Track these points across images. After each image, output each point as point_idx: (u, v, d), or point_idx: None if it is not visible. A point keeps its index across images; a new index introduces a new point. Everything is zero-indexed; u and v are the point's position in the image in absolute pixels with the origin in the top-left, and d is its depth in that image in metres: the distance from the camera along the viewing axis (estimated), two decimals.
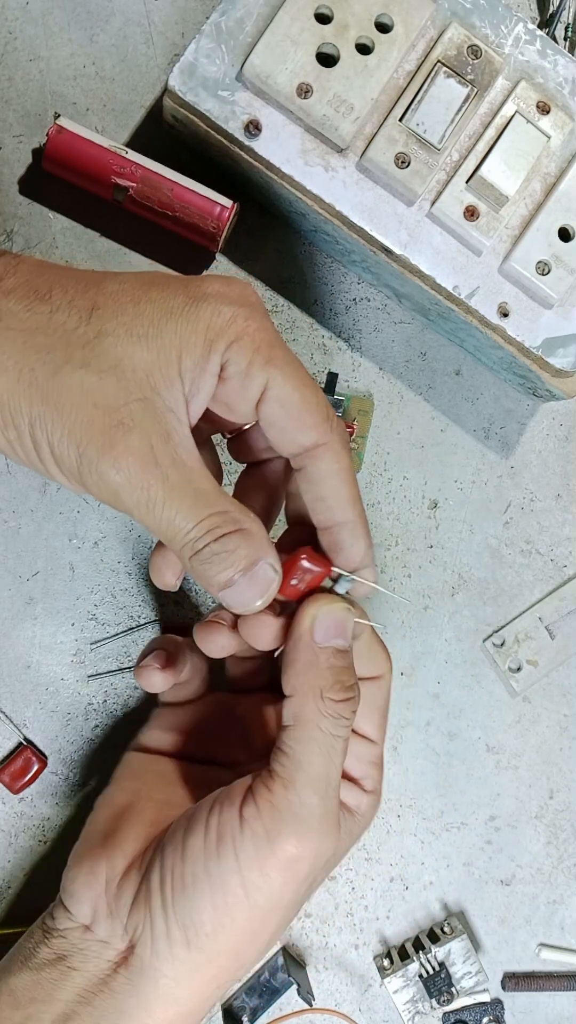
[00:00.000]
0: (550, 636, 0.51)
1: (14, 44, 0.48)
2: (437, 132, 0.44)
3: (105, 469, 0.31)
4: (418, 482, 0.51)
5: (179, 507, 0.32)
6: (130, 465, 0.31)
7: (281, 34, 0.43)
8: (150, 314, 0.32)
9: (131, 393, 0.32)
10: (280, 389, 0.34)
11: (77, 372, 0.31)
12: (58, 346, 0.32)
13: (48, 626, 0.48)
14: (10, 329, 0.32)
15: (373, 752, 0.40)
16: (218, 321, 0.33)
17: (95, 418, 0.31)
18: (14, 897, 0.47)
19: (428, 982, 0.48)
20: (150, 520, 0.32)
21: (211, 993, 0.35)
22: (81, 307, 0.32)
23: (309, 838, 0.33)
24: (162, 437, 0.32)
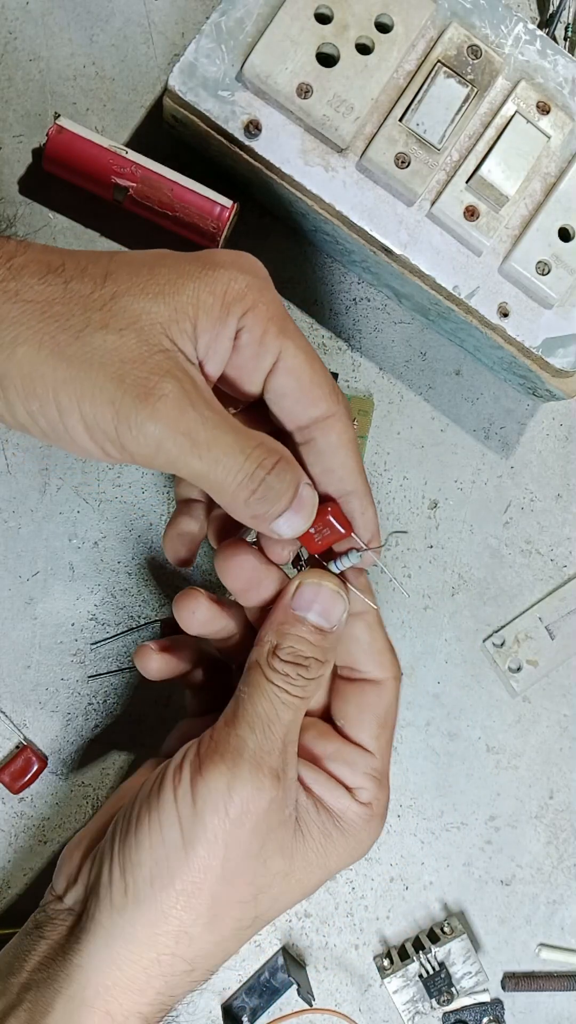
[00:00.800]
0: (550, 636, 0.51)
1: (14, 44, 0.48)
2: (437, 132, 0.44)
3: (143, 420, 0.31)
4: (418, 482, 0.51)
5: (225, 445, 0.32)
6: (169, 411, 0.31)
7: (281, 34, 0.43)
8: (165, 276, 0.33)
9: (152, 346, 0.32)
10: (293, 360, 0.34)
11: (98, 333, 0.31)
12: (75, 312, 0.32)
13: (48, 626, 0.48)
14: (27, 301, 0.32)
15: (369, 763, 0.38)
16: (235, 287, 0.33)
17: (125, 372, 0.31)
18: (14, 897, 0.47)
19: (428, 982, 0.48)
20: (197, 464, 0.32)
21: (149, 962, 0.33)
22: (95, 274, 0.32)
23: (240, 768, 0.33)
24: (191, 382, 0.32)
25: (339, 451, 0.36)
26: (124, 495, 0.48)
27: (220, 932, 0.34)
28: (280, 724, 0.35)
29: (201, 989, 0.48)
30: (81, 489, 0.48)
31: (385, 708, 0.38)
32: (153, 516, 0.49)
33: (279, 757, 0.34)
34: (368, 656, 0.38)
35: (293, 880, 0.35)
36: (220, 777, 0.33)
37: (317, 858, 0.36)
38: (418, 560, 0.51)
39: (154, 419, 0.31)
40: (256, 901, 0.35)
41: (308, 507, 0.35)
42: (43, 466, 0.48)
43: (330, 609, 0.36)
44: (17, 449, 0.47)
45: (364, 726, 0.38)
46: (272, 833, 0.34)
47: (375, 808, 0.37)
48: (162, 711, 0.49)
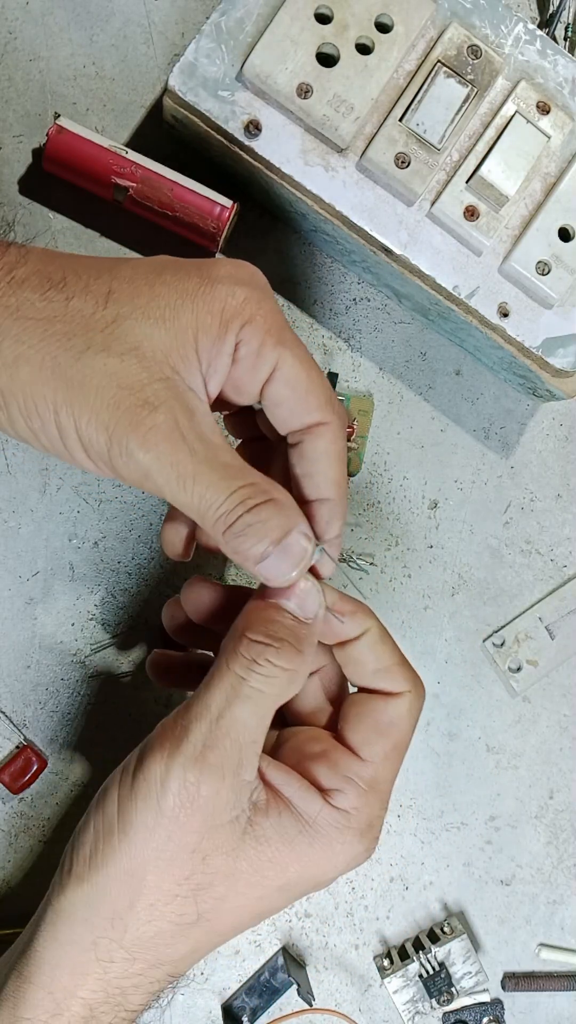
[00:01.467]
0: (550, 636, 0.51)
1: (14, 44, 0.48)
2: (437, 132, 0.44)
3: (134, 448, 0.31)
4: (418, 482, 0.51)
5: (209, 481, 0.32)
6: (159, 442, 0.31)
7: (281, 34, 0.43)
8: (165, 296, 0.33)
9: (153, 374, 0.32)
10: (289, 370, 0.34)
11: (99, 356, 0.32)
12: (77, 332, 0.32)
13: (48, 626, 0.48)
14: (28, 319, 0.32)
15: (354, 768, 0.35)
16: (232, 302, 0.33)
17: (120, 399, 0.31)
18: (14, 897, 0.47)
19: (428, 982, 0.48)
20: (182, 496, 0.32)
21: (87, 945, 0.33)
22: (97, 292, 0.33)
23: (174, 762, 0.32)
24: (186, 414, 0.32)
25: (323, 459, 0.36)
26: (124, 495, 0.48)
27: (157, 924, 0.33)
28: (231, 718, 0.33)
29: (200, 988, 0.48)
30: (81, 489, 0.48)
31: (391, 717, 0.36)
32: (153, 516, 0.49)
33: (226, 753, 0.33)
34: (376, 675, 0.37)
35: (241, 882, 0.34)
36: (155, 767, 0.33)
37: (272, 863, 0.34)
38: (418, 560, 0.51)
39: (144, 448, 0.31)
40: (195, 898, 0.33)
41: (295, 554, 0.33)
42: (43, 466, 0.48)
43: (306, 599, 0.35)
44: (17, 449, 0.47)
45: (360, 729, 0.36)
46: (213, 831, 0.33)
47: (353, 818, 0.34)
48: (162, 711, 0.49)
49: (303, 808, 0.34)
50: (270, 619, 0.34)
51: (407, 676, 0.37)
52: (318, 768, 0.35)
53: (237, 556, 0.33)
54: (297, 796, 0.34)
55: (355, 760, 0.35)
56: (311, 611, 0.35)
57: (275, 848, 0.34)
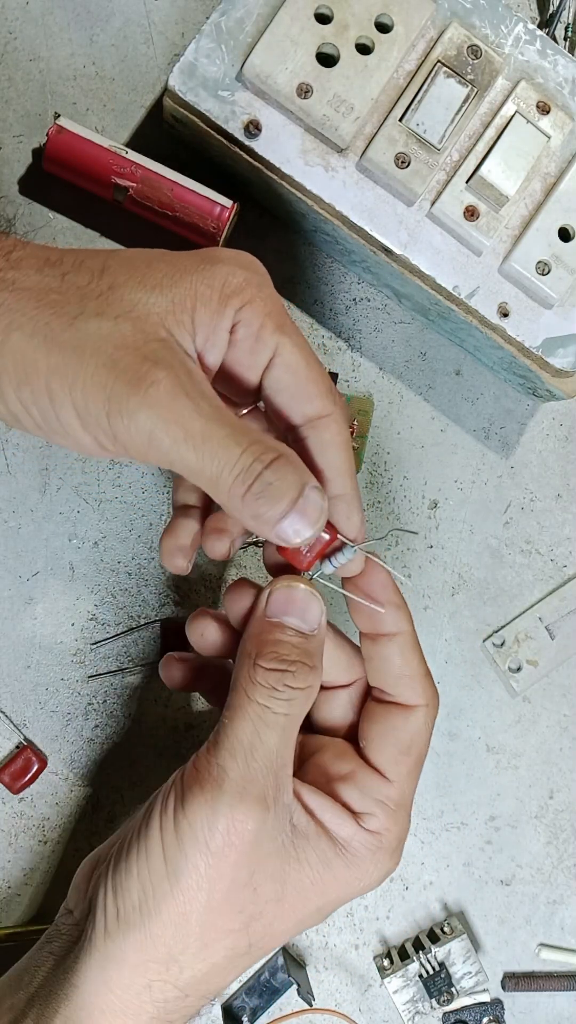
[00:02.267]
0: (550, 636, 0.51)
1: (14, 44, 0.48)
2: (437, 132, 0.44)
3: (136, 407, 0.30)
4: (418, 482, 0.51)
5: (220, 439, 0.31)
6: (162, 399, 0.30)
7: (281, 34, 0.43)
8: (162, 271, 0.32)
9: (148, 335, 0.31)
10: (290, 355, 0.34)
11: (92, 320, 0.31)
12: (71, 300, 0.31)
13: (48, 626, 0.48)
14: (23, 289, 0.31)
15: (383, 790, 0.36)
16: (233, 281, 0.33)
17: (118, 358, 0.30)
18: (14, 897, 0.47)
19: (428, 982, 0.48)
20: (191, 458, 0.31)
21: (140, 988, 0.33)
22: (92, 268, 0.32)
23: (219, 802, 0.32)
24: (187, 373, 0.31)
25: (330, 451, 0.35)
26: (124, 495, 0.48)
27: (211, 960, 0.33)
28: (264, 748, 0.33)
29: None
30: (81, 489, 0.48)
31: (411, 735, 0.36)
32: (153, 516, 0.49)
33: (264, 783, 0.33)
34: (399, 680, 0.36)
35: (287, 906, 0.34)
36: (199, 810, 0.32)
37: (314, 886, 0.34)
38: (418, 560, 0.51)
39: (146, 406, 0.30)
40: (248, 929, 0.34)
41: (314, 510, 0.32)
42: (43, 466, 0.48)
43: (306, 610, 0.35)
44: (17, 449, 0.47)
45: (384, 750, 0.36)
46: (261, 861, 0.33)
47: (384, 839, 0.35)
48: (162, 711, 0.49)
49: (337, 831, 0.35)
50: (277, 641, 0.34)
51: (427, 688, 0.37)
52: (348, 792, 0.36)
53: (256, 521, 0.32)
54: (332, 820, 0.35)
55: (382, 782, 0.36)
56: (314, 622, 0.35)
57: (316, 871, 0.34)
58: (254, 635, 0.35)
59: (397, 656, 0.36)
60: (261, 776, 0.33)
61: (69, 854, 0.48)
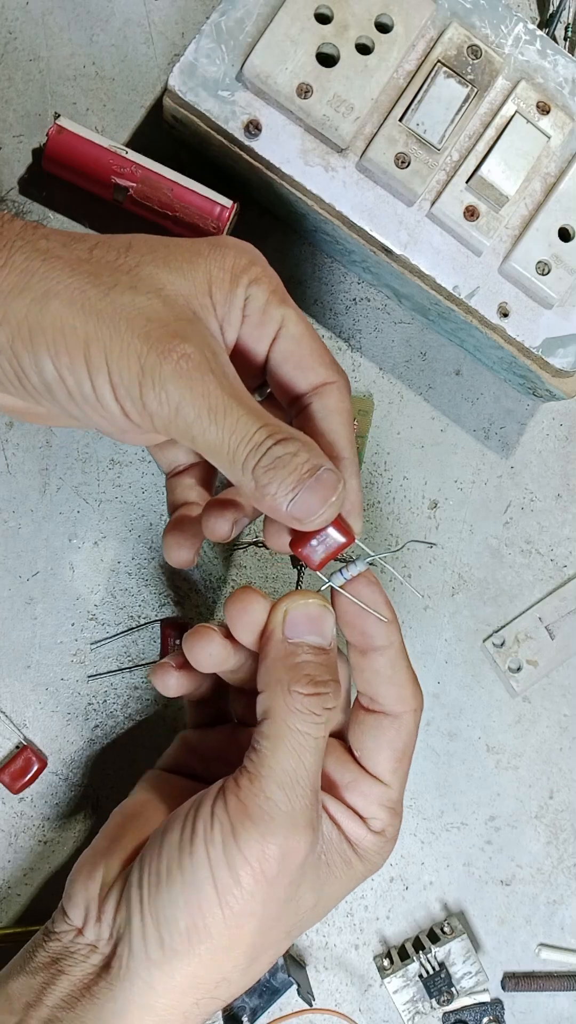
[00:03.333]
0: (550, 636, 0.51)
1: (14, 44, 0.48)
2: (437, 132, 0.44)
3: (167, 377, 0.31)
4: (418, 482, 0.51)
5: (239, 414, 0.32)
6: (191, 371, 0.32)
7: (281, 34, 0.43)
8: (180, 252, 0.35)
9: (177, 313, 0.33)
10: (295, 327, 0.36)
11: (127, 293, 0.33)
12: (104, 272, 0.33)
13: (48, 626, 0.48)
14: (56, 257, 0.33)
15: (384, 794, 0.37)
16: (241, 261, 0.36)
17: (151, 330, 0.32)
18: (14, 897, 0.47)
19: (428, 982, 0.48)
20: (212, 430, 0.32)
21: (188, 1007, 0.34)
22: (117, 245, 0.34)
23: (273, 834, 0.33)
24: (212, 352, 0.33)
25: (332, 416, 0.37)
26: (124, 495, 0.48)
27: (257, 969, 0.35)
28: (308, 775, 0.34)
29: None
30: (81, 489, 0.48)
31: (404, 742, 0.37)
32: (153, 516, 0.49)
33: (311, 809, 0.34)
34: (389, 689, 0.37)
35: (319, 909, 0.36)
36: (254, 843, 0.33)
37: (339, 884, 0.36)
38: (418, 560, 0.51)
39: (176, 377, 0.31)
40: (288, 937, 0.35)
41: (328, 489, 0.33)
42: (43, 466, 0.48)
43: (323, 626, 0.35)
44: (17, 449, 0.47)
45: (381, 759, 0.37)
46: (306, 876, 0.34)
47: (388, 834, 0.37)
48: (162, 711, 0.49)
49: (350, 832, 0.37)
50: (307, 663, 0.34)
51: (415, 694, 0.37)
52: (353, 798, 0.37)
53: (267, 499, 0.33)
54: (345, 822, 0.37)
55: (383, 788, 0.37)
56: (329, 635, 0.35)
57: (341, 872, 0.36)
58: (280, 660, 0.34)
59: (388, 668, 0.37)
60: (308, 802, 0.34)
61: (69, 854, 0.48)
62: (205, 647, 0.37)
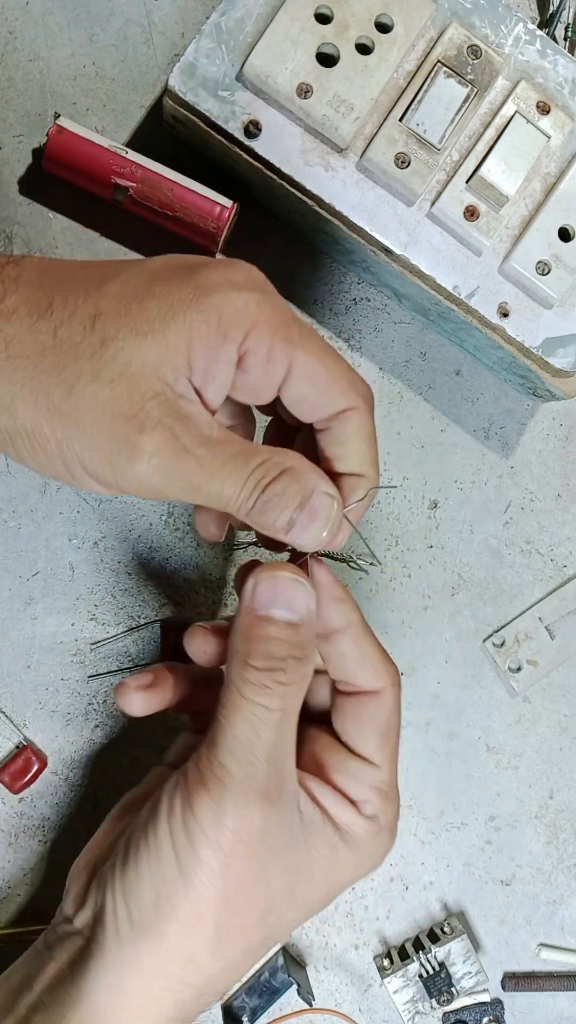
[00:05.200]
0: (550, 636, 0.51)
1: (14, 44, 0.48)
2: (437, 132, 0.44)
3: (141, 473, 0.32)
4: (418, 482, 0.51)
5: (222, 479, 0.32)
6: (163, 462, 0.32)
7: (281, 34, 0.43)
8: (155, 309, 0.32)
9: (143, 394, 0.32)
10: (304, 367, 0.34)
11: (89, 387, 0.32)
12: (67, 363, 0.32)
13: (48, 626, 0.48)
14: (18, 357, 0.32)
15: (374, 776, 0.36)
16: (230, 310, 0.32)
17: (116, 429, 0.32)
18: (14, 897, 0.47)
19: (428, 982, 0.48)
20: (201, 500, 0.33)
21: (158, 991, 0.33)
22: (84, 315, 0.32)
23: (225, 801, 0.32)
24: (183, 423, 0.32)
25: (352, 440, 0.36)
26: (124, 495, 0.48)
27: (228, 956, 0.34)
28: (262, 744, 0.33)
29: None
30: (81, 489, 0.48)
31: (386, 718, 0.37)
32: (153, 516, 0.49)
33: (267, 779, 0.33)
34: (359, 668, 0.37)
35: (298, 896, 0.35)
36: (207, 811, 0.33)
37: (323, 873, 0.35)
38: (418, 560, 0.51)
39: (150, 472, 0.32)
40: (262, 923, 0.34)
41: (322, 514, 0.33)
42: None
43: (293, 599, 0.34)
44: None
45: (366, 739, 0.37)
46: (272, 855, 0.33)
47: (382, 821, 0.36)
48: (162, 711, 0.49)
49: (339, 818, 0.35)
50: (267, 638, 0.34)
51: (388, 670, 0.37)
52: (343, 781, 0.36)
53: (267, 531, 0.34)
54: (333, 807, 0.35)
55: (371, 768, 0.36)
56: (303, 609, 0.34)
57: (324, 857, 0.35)
58: (243, 630, 0.34)
59: (352, 648, 0.37)
60: (263, 772, 0.33)
61: (69, 854, 0.48)
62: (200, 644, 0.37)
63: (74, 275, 0.34)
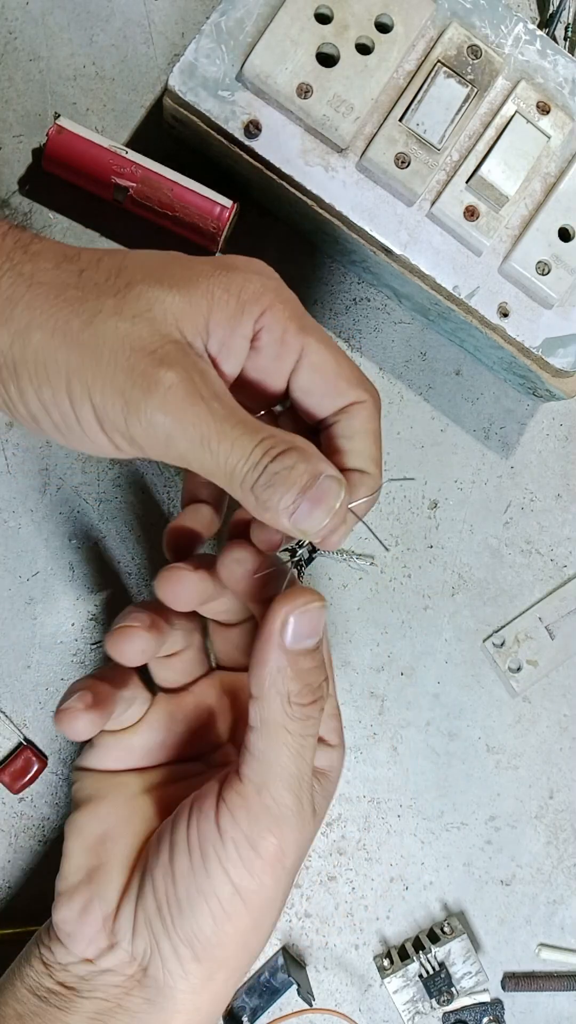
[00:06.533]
0: (550, 636, 0.51)
1: (14, 44, 0.48)
2: (437, 132, 0.44)
3: (153, 411, 0.31)
4: (418, 482, 0.51)
5: (233, 438, 0.31)
6: (178, 402, 0.31)
7: (281, 34, 0.43)
8: (178, 270, 0.33)
9: (164, 335, 0.31)
10: (315, 355, 0.34)
11: (110, 320, 0.31)
12: (89, 297, 0.31)
13: (48, 626, 0.48)
14: (40, 284, 0.32)
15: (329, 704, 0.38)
16: (250, 287, 0.33)
17: (134, 361, 0.31)
18: (14, 897, 0.47)
19: (428, 982, 0.48)
20: (207, 458, 0.31)
21: (225, 995, 0.36)
22: (109, 266, 0.33)
23: (289, 833, 0.34)
24: (200, 374, 0.32)
25: (358, 435, 0.35)
26: (124, 495, 0.48)
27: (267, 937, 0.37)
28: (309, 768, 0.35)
29: None
30: (81, 489, 0.48)
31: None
32: (153, 516, 0.49)
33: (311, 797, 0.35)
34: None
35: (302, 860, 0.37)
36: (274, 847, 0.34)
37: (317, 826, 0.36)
38: (418, 560, 0.51)
39: (163, 410, 0.31)
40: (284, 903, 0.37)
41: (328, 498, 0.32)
42: (43, 466, 0.48)
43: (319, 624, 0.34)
44: (17, 449, 0.47)
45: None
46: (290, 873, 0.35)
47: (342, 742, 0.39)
48: None
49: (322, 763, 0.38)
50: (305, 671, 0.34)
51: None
52: None
53: (268, 513, 0.32)
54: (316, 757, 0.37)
55: None
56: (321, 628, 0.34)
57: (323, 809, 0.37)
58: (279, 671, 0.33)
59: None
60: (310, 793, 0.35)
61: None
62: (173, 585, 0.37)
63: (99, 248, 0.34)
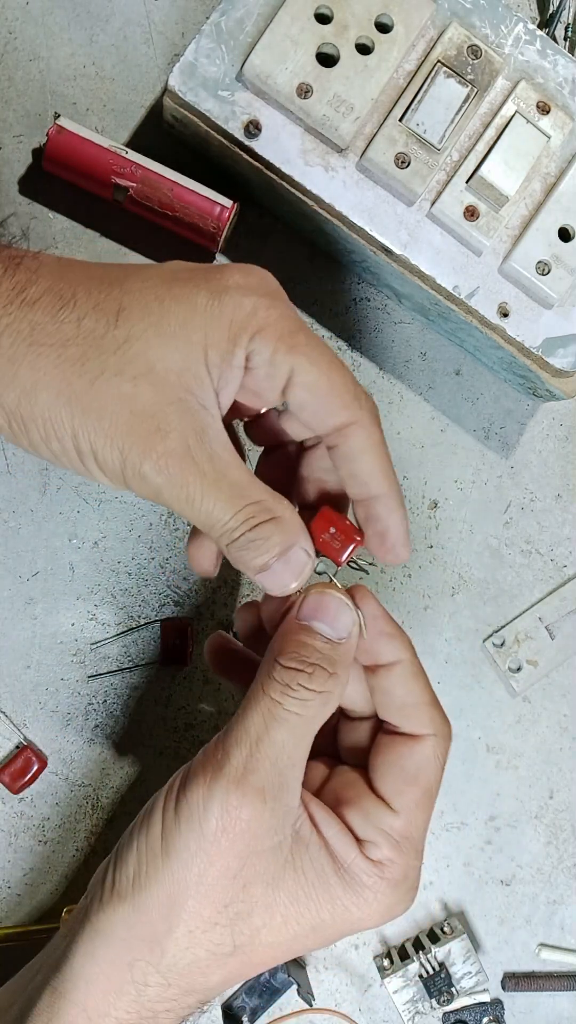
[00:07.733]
0: (550, 636, 0.51)
1: (14, 44, 0.48)
2: (437, 132, 0.44)
3: (147, 471, 0.33)
4: (418, 482, 0.51)
5: (216, 500, 0.33)
6: (170, 466, 0.33)
7: (281, 34, 0.43)
8: (176, 312, 0.33)
9: (166, 397, 0.33)
10: (306, 375, 0.34)
11: (113, 380, 0.32)
12: (91, 355, 0.33)
13: (48, 626, 0.48)
14: (42, 345, 0.33)
15: (387, 820, 0.35)
16: (240, 314, 0.33)
17: (134, 424, 0.32)
18: (14, 897, 0.47)
19: (428, 982, 0.48)
20: (190, 513, 0.34)
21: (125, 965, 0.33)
22: (107, 310, 0.33)
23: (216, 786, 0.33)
24: (197, 435, 0.33)
25: (361, 456, 0.36)
26: (124, 495, 0.48)
27: (194, 951, 0.33)
28: (270, 742, 0.33)
29: None
30: (81, 489, 0.48)
31: (417, 764, 0.35)
32: (153, 516, 0.49)
33: (266, 777, 0.33)
34: (403, 710, 0.36)
35: (277, 916, 0.34)
36: (196, 792, 0.33)
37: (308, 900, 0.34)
38: (418, 560, 0.51)
39: (156, 472, 0.33)
40: (233, 927, 0.33)
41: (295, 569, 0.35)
42: (43, 466, 0.48)
43: (336, 617, 0.35)
44: (17, 449, 0.47)
45: (389, 779, 0.35)
46: (255, 857, 0.33)
47: (387, 871, 0.34)
48: (162, 711, 0.49)
49: (339, 851, 0.34)
50: (301, 643, 0.35)
51: (433, 718, 0.36)
52: (352, 816, 0.35)
53: (239, 565, 0.35)
54: (334, 838, 0.34)
55: (387, 811, 0.35)
56: (344, 631, 0.35)
57: (312, 884, 0.34)
58: (281, 634, 0.35)
59: (399, 686, 0.36)
60: (263, 769, 0.33)
61: (69, 854, 0.48)
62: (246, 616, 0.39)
63: (94, 271, 0.34)
